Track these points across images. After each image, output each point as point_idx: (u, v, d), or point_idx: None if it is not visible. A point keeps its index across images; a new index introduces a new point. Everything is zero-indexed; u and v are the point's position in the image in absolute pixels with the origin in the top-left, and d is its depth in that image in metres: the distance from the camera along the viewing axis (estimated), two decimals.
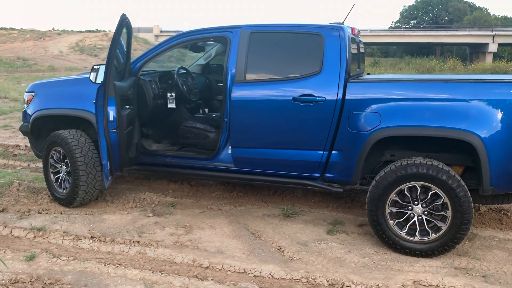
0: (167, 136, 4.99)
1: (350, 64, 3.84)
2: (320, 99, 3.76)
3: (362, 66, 4.79)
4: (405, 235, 3.54)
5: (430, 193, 3.43)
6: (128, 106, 4.19)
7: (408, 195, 3.50)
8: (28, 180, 5.26)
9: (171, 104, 4.73)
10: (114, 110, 3.92)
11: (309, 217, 4.35)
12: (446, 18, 73.43)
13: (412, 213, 3.51)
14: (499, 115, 3.34)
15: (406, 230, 3.54)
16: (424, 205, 3.47)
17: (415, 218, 3.51)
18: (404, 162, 3.47)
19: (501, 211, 4.50)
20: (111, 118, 3.92)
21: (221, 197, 4.93)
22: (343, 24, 4.09)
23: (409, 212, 3.52)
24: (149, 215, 4.34)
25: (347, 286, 3.11)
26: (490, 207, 4.58)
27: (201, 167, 4.37)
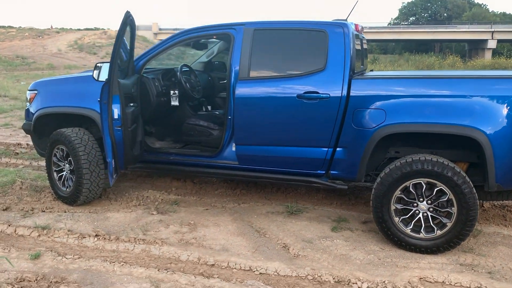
0: (170, 134, 4.98)
1: (354, 60, 3.83)
2: (324, 96, 3.75)
3: (365, 63, 4.78)
4: (410, 232, 3.53)
5: (435, 190, 3.42)
6: (132, 104, 4.17)
7: (413, 192, 3.49)
8: (31, 179, 5.25)
9: (174, 101, 4.72)
10: (118, 108, 3.91)
11: (313, 214, 4.35)
12: (445, 14, 73.42)
13: (417, 209, 3.51)
14: (504, 111, 3.33)
15: (411, 227, 3.53)
16: (429, 201, 3.46)
17: (420, 215, 3.50)
18: (409, 159, 3.46)
19: (505, 207, 4.50)
20: (115, 116, 3.91)
21: (225, 194, 4.92)
22: (346, 20, 4.08)
23: (414, 209, 3.51)
24: (153, 213, 4.33)
25: (353, 283, 3.11)
26: (493, 203, 4.58)
27: (205, 165, 4.36)
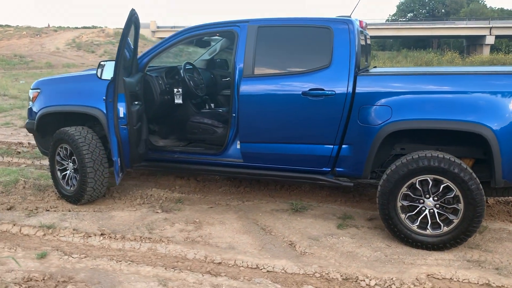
0: (174, 132, 4.96)
1: (359, 57, 3.82)
2: (329, 93, 3.74)
3: (369, 59, 4.77)
4: (417, 228, 3.53)
5: (442, 186, 3.41)
6: (137, 102, 4.16)
7: (420, 189, 3.48)
8: (34, 178, 5.24)
9: (178, 99, 4.70)
10: (124, 106, 3.89)
11: (318, 212, 4.34)
12: (443, 10, 73.37)
13: (423, 206, 3.50)
14: (511, 106, 3.33)
15: (417, 223, 3.53)
16: (435, 198, 3.46)
17: (426, 212, 3.50)
18: (415, 156, 3.45)
19: (509, 203, 4.50)
20: (121, 115, 3.89)
21: (228, 192, 4.92)
22: (350, 17, 4.07)
23: (420, 206, 3.51)
24: (157, 211, 4.32)
25: (361, 280, 3.11)
26: (498, 199, 4.59)
27: (210, 163, 4.35)
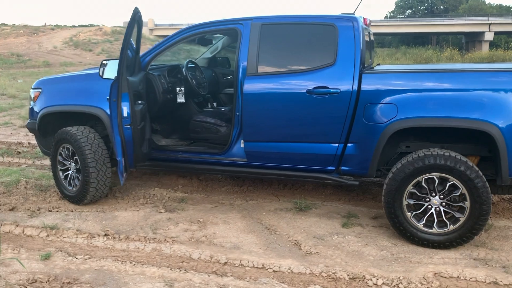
0: (177, 131, 4.93)
1: (364, 55, 3.79)
2: (334, 91, 3.71)
3: (373, 56, 4.74)
4: (423, 227, 3.50)
5: (448, 184, 3.39)
6: (140, 102, 4.12)
7: (426, 187, 3.46)
8: (35, 178, 5.21)
9: (180, 98, 4.66)
10: (128, 106, 3.86)
11: (322, 211, 4.32)
12: (442, 7, 73.37)
13: (429, 204, 3.48)
14: None
15: (423, 222, 3.51)
16: (441, 196, 3.44)
17: (432, 210, 3.48)
18: (421, 154, 3.43)
19: None
20: (125, 114, 3.86)
21: (232, 191, 4.89)
22: (354, 14, 4.04)
23: (426, 204, 3.49)
24: (161, 211, 4.29)
25: (368, 280, 3.08)
26: (502, 197, 4.57)
27: (213, 162, 4.32)
